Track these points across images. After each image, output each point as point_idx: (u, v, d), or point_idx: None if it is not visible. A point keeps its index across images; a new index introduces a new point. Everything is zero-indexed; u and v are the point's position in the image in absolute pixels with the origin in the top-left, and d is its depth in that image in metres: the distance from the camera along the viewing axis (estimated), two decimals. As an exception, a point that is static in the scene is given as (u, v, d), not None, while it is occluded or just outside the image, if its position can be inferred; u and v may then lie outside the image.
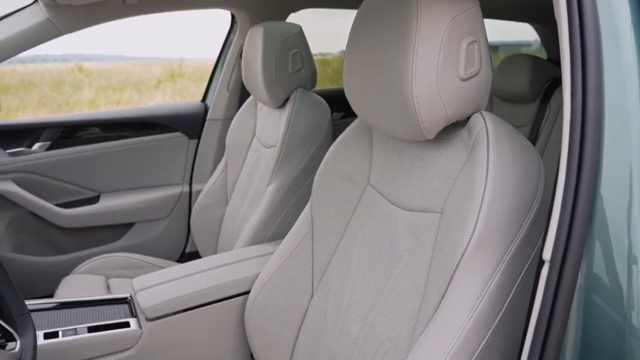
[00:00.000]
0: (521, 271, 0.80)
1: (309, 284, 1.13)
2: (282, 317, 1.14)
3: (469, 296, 0.78)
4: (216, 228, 1.88)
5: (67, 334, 1.13)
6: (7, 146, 1.94)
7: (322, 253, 1.11)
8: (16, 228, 1.99)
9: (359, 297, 1.01)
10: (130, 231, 2.12)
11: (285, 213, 1.50)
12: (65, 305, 1.27)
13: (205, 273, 1.30)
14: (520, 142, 0.85)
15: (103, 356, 1.14)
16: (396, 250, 0.96)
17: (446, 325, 0.79)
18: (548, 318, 0.63)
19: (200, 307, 1.22)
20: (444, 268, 0.83)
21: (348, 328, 1.00)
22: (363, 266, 1.02)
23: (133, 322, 1.20)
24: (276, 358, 1.15)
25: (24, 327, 0.93)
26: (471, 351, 0.77)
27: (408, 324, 0.89)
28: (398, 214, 0.98)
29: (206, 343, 1.25)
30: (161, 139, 2.15)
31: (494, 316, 0.78)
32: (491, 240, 0.79)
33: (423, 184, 0.95)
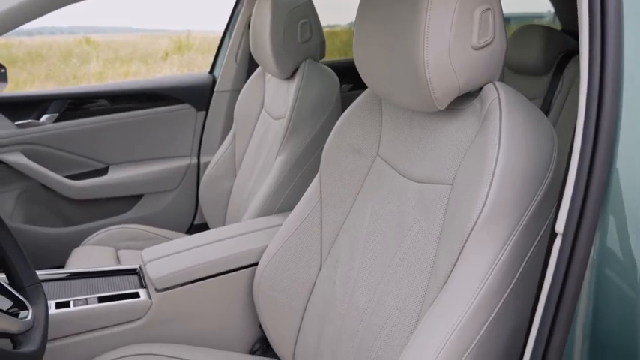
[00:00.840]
0: (532, 243, 0.80)
1: (317, 256, 1.13)
2: (290, 288, 1.14)
3: (479, 268, 0.78)
4: (224, 200, 1.88)
5: (78, 303, 1.14)
6: (15, 118, 1.94)
7: (331, 224, 1.11)
8: (27, 200, 2.01)
9: (367, 269, 1.00)
10: (138, 203, 2.13)
11: (294, 185, 1.49)
12: (76, 275, 1.28)
13: (214, 244, 1.30)
14: (533, 113, 0.83)
15: (113, 326, 1.16)
16: (405, 222, 0.96)
17: (455, 297, 0.79)
18: (559, 291, 0.62)
19: (209, 279, 1.23)
20: (453, 241, 0.82)
21: (357, 299, 1.00)
22: (371, 238, 1.02)
23: (142, 292, 1.21)
24: (285, 329, 1.16)
25: (35, 296, 0.95)
26: (480, 323, 0.77)
27: (417, 296, 0.89)
28: (408, 186, 0.97)
29: (215, 314, 1.26)
30: (169, 111, 2.14)
31: (504, 288, 0.78)
32: (503, 212, 0.78)
33: (434, 155, 0.93)
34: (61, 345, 1.10)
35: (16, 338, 0.81)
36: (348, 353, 0.98)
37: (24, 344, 0.80)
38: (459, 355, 0.76)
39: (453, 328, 0.76)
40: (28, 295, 0.94)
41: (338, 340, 1.01)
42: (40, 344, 0.81)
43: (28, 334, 0.83)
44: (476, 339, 0.76)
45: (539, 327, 0.63)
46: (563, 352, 0.62)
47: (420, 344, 0.79)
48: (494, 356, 0.79)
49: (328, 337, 1.04)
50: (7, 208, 1.96)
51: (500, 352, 0.80)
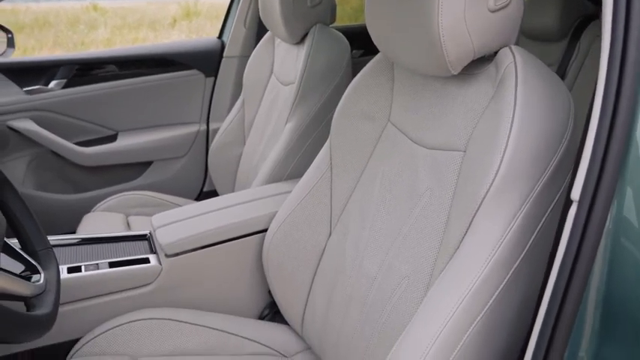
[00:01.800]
0: (545, 211, 0.79)
1: (327, 223, 1.13)
2: (299, 255, 1.14)
3: (490, 236, 0.77)
4: (233, 166, 1.88)
5: (89, 268, 1.15)
6: (24, 84, 1.94)
7: (341, 191, 1.10)
8: (37, 166, 2.02)
9: (377, 236, 1.00)
10: (148, 169, 2.13)
11: (303, 151, 1.48)
12: (87, 241, 1.29)
13: (223, 211, 1.30)
14: (550, 78, 0.81)
15: (123, 291, 1.17)
16: (416, 189, 0.95)
17: (466, 265, 0.78)
18: (573, 259, 0.62)
19: (218, 245, 1.23)
20: (465, 208, 0.81)
21: (366, 266, 1.00)
22: (382, 205, 1.01)
23: (152, 258, 1.22)
24: (294, 295, 1.17)
25: (47, 260, 0.95)
26: (490, 291, 0.76)
27: (427, 263, 0.89)
28: (419, 153, 0.96)
29: (224, 280, 1.26)
30: (177, 77, 2.12)
31: (515, 256, 0.77)
32: (516, 179, 0.76)
33: (446, 121, 0.92)
34: (73, 309, 1.12)
35: (29, 301, 0.82)
36: (357, 319, 0.98)
37: (37, 307, 0.81)
38: (468, 322, 0.76)
39: (463, 296, 0.76)
40: (39, 259, 0.95)
41: (347, 306, 1.02)
42: (53, 307, 0.82)
43: (41, 298, 0.83)
44: (486, 307, 0.76)
45: (551, 295, 0.62)
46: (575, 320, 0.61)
47: (429, 311, 0.79)
48: (504, 323, 0.79)
49: (337, 303, 1.05)
50: (19, 174, 1.97)
51: (511, 320, 0.80)
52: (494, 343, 0.79)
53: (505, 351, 0.82)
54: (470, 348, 0.76)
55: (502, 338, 0.80)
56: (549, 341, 0.61)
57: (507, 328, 0.80)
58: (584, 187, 0.61)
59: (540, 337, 0.62)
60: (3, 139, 1.91)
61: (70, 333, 1.12)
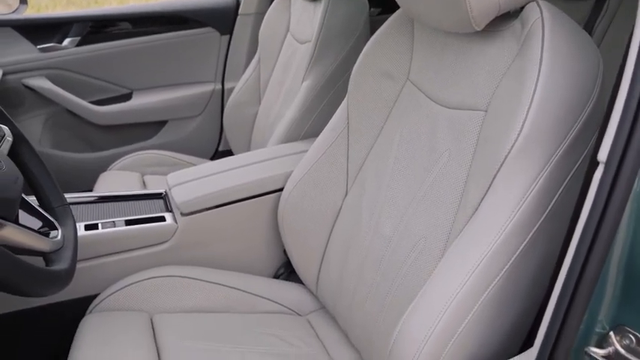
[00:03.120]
0: (568, 173, 0.77)
1: (343, 182, 1.11)
2: (315, 214, 1.14)
3: (510, 199, 0.75)
4: (249, 126, 1.86)
5: (106, 226, 1.16)
6: (37, 42, 1.92)
7: (358, 150, 1.08)
8: (53, 125, 2.02)
9: (394, 196, 0.99)
10: (163, 129, 2.13)
11: (320, 110, 1.46)
12: (103, 199, 1.30)
13: (238, 170, 1.29)
14: (579, 35, 0.78)
15: (139, 248, 1.18)
16: (435, 149, 0.93)
17: (484, 227, 0.77)
18: (597, 223, 0.60)
19: (233, 204, 1.23)
20: (485, 169, 0.80)
21: (382, 227, 0.99)
22: (399, 165, 1.00)
23: (168, 216, 1.22)
24: (309, 255, 1.17)
25: (64, 217, 0.96)
26: (509, 254, 0.75)
27: (445, 224, 0.87)
28: (439, 112, 0.94)
29: (239, 239, 1.27)
30: (192, 35, 2.09)
31: (535, 219, 0.75)
32: (539, 140, 0.74)
33: (468, 80, 0.89)
34: (90, 265, 1.13)
35: (48, 256, 0.83)
36: (372, 280, 0.98)
37: (55, 262, 0.82)
38: (485, 285, 0.75)
39: (481, 258, 0.75)
40: (57, 216, 0.95)
41: (362, 266, 1.02)
42: (71, 263, 0.82)
43: (59, 253, 0.84)
44: (503, 270, 0.75)
45: (572, 258, 0.61)
46: (596, 285, 0.60)
47: (446, 273, 0.78)
48: (521, 287, 0.78)
49: (352, 263, 1.05)
50: (35, 133, 1.98)
51: (528, 283, 0.79)
52: (511, 306, 0.78)
53: (521, 314, 0.81)
54: (485, 311, 0.75)
55: (518, 301, 0.79)
56: (569, 305, 0.60)
57: (524, 291, 0.79)
58: (612, 148, 0.58)
59: (559, 301, 0.61)
60: (19, 97, 1.92)
61: (89, 289, 1.14)
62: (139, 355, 0.98)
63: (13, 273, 0.64)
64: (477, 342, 0.77)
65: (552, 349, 0.61)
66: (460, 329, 0.75)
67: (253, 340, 1.07)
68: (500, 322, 0.79)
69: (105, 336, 1.01)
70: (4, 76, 1.84)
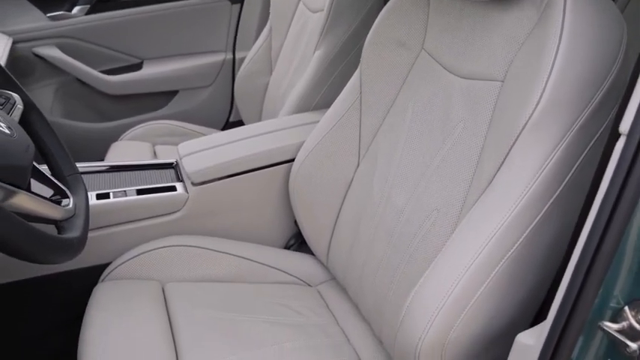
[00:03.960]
0: (587, 145, 0.75)
1: (355, 153, 1.10)
2: (327, 185, 1.13)
3: (526, 171, 0.74)
4: (260, 96, 1.85)
5: (118, 195, 1.16)
6: (47, 10, 1.90)
7: (370, 121, 1.07)
8: (64, 94, 2.02)
9: (406, 167, 0.98)
10: (174, 99, 2.12)
11: (332, 81, 1.44)
12: (115, 168, 1.30)
13: (250, 140, 1.28)
14: (602, 2, 0.75)
15: (151, 218, 1.18)
16: (449, 120, 0.91)
17: (499, 199, 0.76)
18: (616, 196, 0.58)
19: (245, 174, 1.22)
20: (501, 141, 0.78)
21: (394, 199, 0.98)
22: (412, 136, 0.98)
23: (179, 186, 1.22)
24: (320, 226, 1.16)
25: (76, 186, 0.96)
26: (523, 227, 0.74)
27: (458, 197, 0.86)
28: (454, 82, 0.92)
29: (250, 209, 1.27)
30: (203, 3, 2.06)
31: (552, 192, 0.74)
32: (558, 111, 0.72)
33: (484, 49, 0.87)
34: (102, 234, 1.14)
35: (60, 224, 0.83)
36: (383, 251, 0.98)
37: (67, 230, 0.82)
38: (499, 257, 0.74)
39: (495, 231, 0.74)
40: (69, 184, 0.95)
41: (373, 238, 1.01)
42: (83, 231, 0.83)
43: (71, 221, 0.84)
44: (517, 242, 0.74)
45: (590, 232, 0.59)
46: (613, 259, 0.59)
47: (459, 245, 0.78)
48: (534, 260, 0.78)
49: (364, 234, 1.04)
50: (46, 103, 1.98)
51: (542, 256, 0.78)
52: (523, 279, 0.78)
53: (533, 288, 0.81)
54: (498, 284, 0.75)
55: (531, 275, 0.79)
56: (584, 279, 0.59)
57: (537, 264, 0.79)
58: (636, 119, 0.57)
59: (575, 274, 0.60)
60: (29, 66, 1.91)
61: (100, 258, 1.15)
62: (152, 323, 0.99)
63: (26, 240, 0.64)
64: (488, 314, 0.76)
65: (566, 323, 0.60)
66: (472, 301, 0.74)
67: (263, 309, 1.08)
68: (513, 295, 0.78)
69: (117, 304, 1.02)
70: (14, 45, 1.84)
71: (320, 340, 1.03)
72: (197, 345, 0.95)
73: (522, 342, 0.67)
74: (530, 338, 0.66)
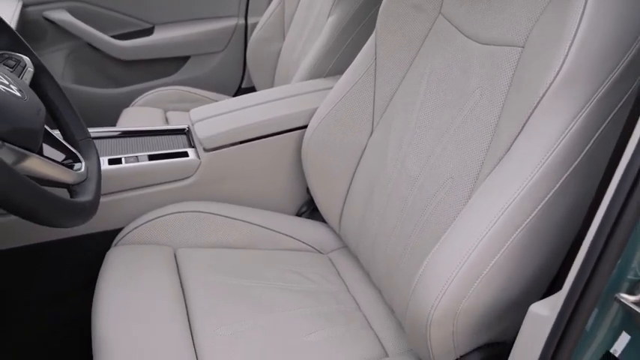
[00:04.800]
0: (609, 114, 0.73)
1: (369, 120, 1.09)
2: (340, 152, 1.12)
3: (545, 139, 0.72)
4: (272, 62, 1.82)
5: (129, 161, 1.16)
6: (56, -28, 1.88)
7: (385, 88, 1.05)
8: (75, 59, 2.01)
9: (421, 135, 0.96)
10: (185, 65, 2.10)
11: (346, 46, 1.41)
12: (126, 134, 1.29)
13: (262, 106, 1.27)
14: None
15: (163, 184, 1.18)
16: (466, 87, 0.89)
17: (516, 168, 0.74)
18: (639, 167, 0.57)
19: (257, 140, 1.21)
20: (519, 108, 0.76)
21: (408, 166, 0.97)
22: (427, 104, 0.96)
23: (191, 152, 1.21)
24: (332, 193, 1.16)
25: (88, 150, 0.96)
26: (540, 196, 0.73)
27: (474, 165, 0.85)
28: (472, 48, 0.89)
29: (263, 176, 1.26)
30: None
31: (571, 160, 0.72)
32: (580, 78, 0.70)
33: (505, 14, 0.84)
34: (114, 200, 1.14)
35: (72, 188, 0.83)
36: (396, 219, 0.97)
37: (79, 194, 0.82)
38: (514, 227, 0.73)
39: (510, 201, 0.73)
40: (80, 148, 0.95)
41: (386, 205, 1.00)
42: (95, 195, 0.82)
43: (83, 185, 0.84)
44: (533, 212, 0.73)
45: (610, 202, 0.58)
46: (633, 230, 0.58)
47: (473, 214, 0.76)
48: (550, 231, 0.76)
49: (376, 202, 1.03)
50: (58, 68, 1.97)
51: (558, 227, 0.77)
52: (539, 249, 0.77)
53: (548, 258, 0.80)
54: (512, 254, 0.74)
55: (547, 245, 0.78)
56: (602, 250, 0.58)
57: (553, 234, 0.77)
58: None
59: (593, 245, 0.59)
60: (40, 30, 1.90)
61: (113, 223, 1.15)
62: (164, 287, 1.00)
63: (39, 203, 0.64)
64: (501, 284, 0.76)
65: (582, 294, 0.60)
66: (486, 271, 0.73)
67: (275, 276, 1.08)
68: (527, 266, 0.77)
69: (130, 268, 1.02)
70: (24, 8, 1.82)
71: (331, 306, 1.03)
72: (209, 309, 0.96)
73: (536, 312, 0.66)
74: (544, 308, 0.66)
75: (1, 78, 0.74)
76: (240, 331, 0.92)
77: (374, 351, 0.95)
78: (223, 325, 0.93)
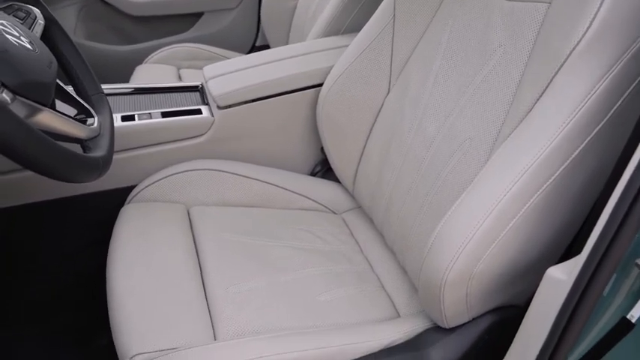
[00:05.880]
0: (637, 76, 0.70)
1: (386, 79, 1.06)
2: (355, 111, 1.10)
3: (569, 101, 0.70)
4: (287, 19, 1.78)
5: (143, 117, 1.15)
6: None
7: (403, 45, 1.02)
8: (87, 15, 1.98)
9: (439, 95, 0.94)
10: (198, 21, 2.07)
11: (363, 3, 1.37)
12: (139, 91, 1.28)
13: (277, 63, 1.24)
14: None
15: (176, 141, 1.17)
16: (488, 45, 0.86)
17: (536, 130, 0.72)
18: None
19: (271, 98, 1.19)
20: (544, 67, 0.73)
21: (425, 127, 0.95)
22: (447, 62, 0.93)
23: (204, 109, 1.20)
24: (347, 152, 1.14)
25: (100, 105, 0.94)
26: (560, 161, 0.71)
27: (493, 126, 0.83)
28: (494, 3, 0.86)
29: (276, 135, 1.24)
30: None
31: (596, 123, 0.70)
32: (610, 36, 0.67)
33: (532, -33, 0.80)
34: (127, 157, 1.13)
35: (85, 144, 0.83)
36: (412, 179, 0.96)
37: (93, 149, 0.81)
38: (532, 190, 0.71)
39: (531, 163, 0.71)
40: (93, 103, 0.94)
41: (402, 166, 0.99)
42: (108, 151, 0.82)
43: (96, 141, 0.83)
44: (554, 176, 0.71)
45: (636, 167, 0.56)
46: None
47: (491, 176, 0.75)
48: (570, 194, 0.75)
49: (391, 163, 1.02)
50: (70, 23, 1.94)
51: (578, 191, 0.75)
52: (556, 214, 0.75)
53: (567, 222, 0.78)
54: (529, 218, 0.73)
55: (566, 208, 0.76)
56: (625, 215, 0.57)
57: (572, 199, 0.76)
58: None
59: (616, 210, 0.57)
60: (51, -17, 1.87)
61: (126, 180, 1.15)
62: (178, 244, 1.00)
63: (52, 157, 0.64)
64: (518, 248, 0.75)
65: (601, 258, 0.58)
66: (502, 234, 0.72)
67: (287, 235, 1.08)
68: (544, 230, 0.76)
69: (144, 225, 1.03)
70: (36, -39, 1.78)
71: (344, 266, 1.03)
72: (222, 266, 0.96)
73: (553, 276, 0.65)
74: (561, 272, 0.64)
75: (11, 29, 0.72)
76: (252, 289, 0.92)
77: (386, 311, 0.95)
78: (236, 282, 0.93)
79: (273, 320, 0.87)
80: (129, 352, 0.79)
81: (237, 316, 0.87)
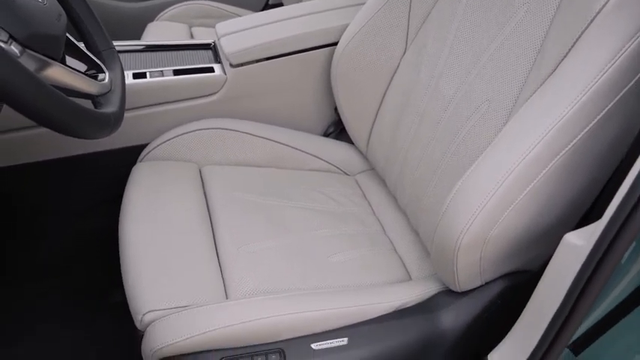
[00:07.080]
0: None
1: (402, 38, 1.03)
2: (370, 71, 1.07)
3: (595, 61, 0.67)
4: None
5: (154, 75, 1.13)
6: None
7: (421, 3, 0.98)
8: (99, -30, 1.94)
9: (458, 54, 0.91)
10: (211, -22, 2.02)
11: None
12: (151, 48, 1.26)
13: (291, 21, 1.21)
14: None
15: (188, 99, 1.15)
16: (510, 2, 0.83)
17: (559, 92, 0.70)
18: None
19: (285, 56, 1.16)
20: (569, 28, 0.70)
21: (443, 87, 0.92)
22: (466, 20, 0.90)
23: (217, 67, 1.18)
24: (361, 113, 1.12)
25: (111, 61, 0.93)
26: (581, 125, 0.68)
27: (513, 87, 0.80)
28: (521, -41, 0.82)
29: (290, 94, 1.22)
30: None
31: (621, 86, 0.67)
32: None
33: None
34: (139, 115, 1.12)
35: (96, 99, 0.82)
36: (427, 141, 0.94)
37: (104, 105, 0.80)
38: (551, 155, 0.69)
39: (551, 126, 0.69)
40: (104, 59, 0.92)
41: (418, 128, 0.97)
42: (119, 107, 0.81)
43: (107, 97, 0.82)
44: (573, 141, 0.69)
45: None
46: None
47: (510, 139, 0.73)
48: (588, 161, 0.72)
49: (407, 124, 1.00)
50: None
51: (598, 157, 0.73)
52: (575, 180, 0.73)
53: (585, 189, 0.76)
54: (547, 183, 0.71)
55: (584, 175, 0.74)
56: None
57: (592, 165, 0.74)
58: None
59: (639, 178, 0.55)
60: None
61: (138, 138, 1.15)
62: (190, 201, 1.00)
63: (63, 112, 0.62)
64: (534, 213, 0.73)
65: (622, 224, 0.57)
66: (519, 199, 0.71)
67: (300, 196, 1.07)
68: (562, 196, 0.74)
69: (156, 183, 1.02)
70: None
71: (356, 228, 1.02)
72: (233, 225, 0.96)
73: (571, 241, 0.64)
74: (579, 238, 0.63)
75: (19, -20, 0.70)
76: (263, 249, 0.92)
77: (398, 274, 0.95)
78: (247, 242, 0.93)
79: (286, 280, 0.87)
80: (142, 309, 0.80)
81: (250, 275, 0.87)
